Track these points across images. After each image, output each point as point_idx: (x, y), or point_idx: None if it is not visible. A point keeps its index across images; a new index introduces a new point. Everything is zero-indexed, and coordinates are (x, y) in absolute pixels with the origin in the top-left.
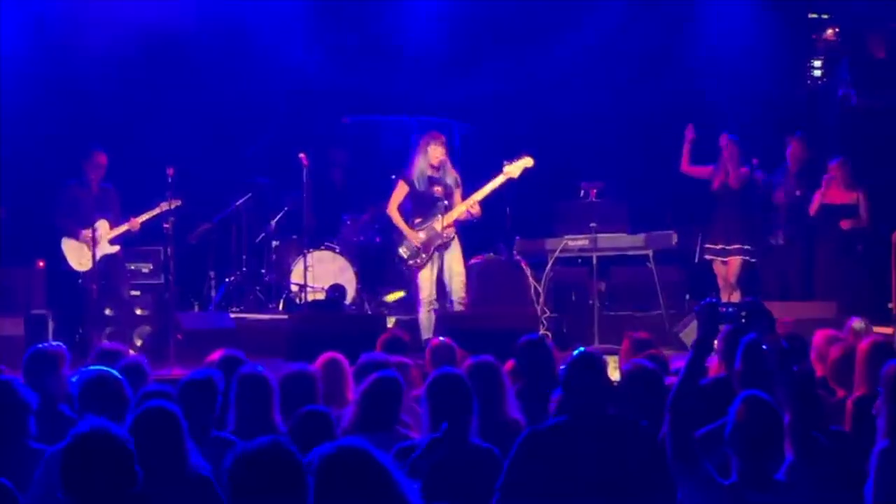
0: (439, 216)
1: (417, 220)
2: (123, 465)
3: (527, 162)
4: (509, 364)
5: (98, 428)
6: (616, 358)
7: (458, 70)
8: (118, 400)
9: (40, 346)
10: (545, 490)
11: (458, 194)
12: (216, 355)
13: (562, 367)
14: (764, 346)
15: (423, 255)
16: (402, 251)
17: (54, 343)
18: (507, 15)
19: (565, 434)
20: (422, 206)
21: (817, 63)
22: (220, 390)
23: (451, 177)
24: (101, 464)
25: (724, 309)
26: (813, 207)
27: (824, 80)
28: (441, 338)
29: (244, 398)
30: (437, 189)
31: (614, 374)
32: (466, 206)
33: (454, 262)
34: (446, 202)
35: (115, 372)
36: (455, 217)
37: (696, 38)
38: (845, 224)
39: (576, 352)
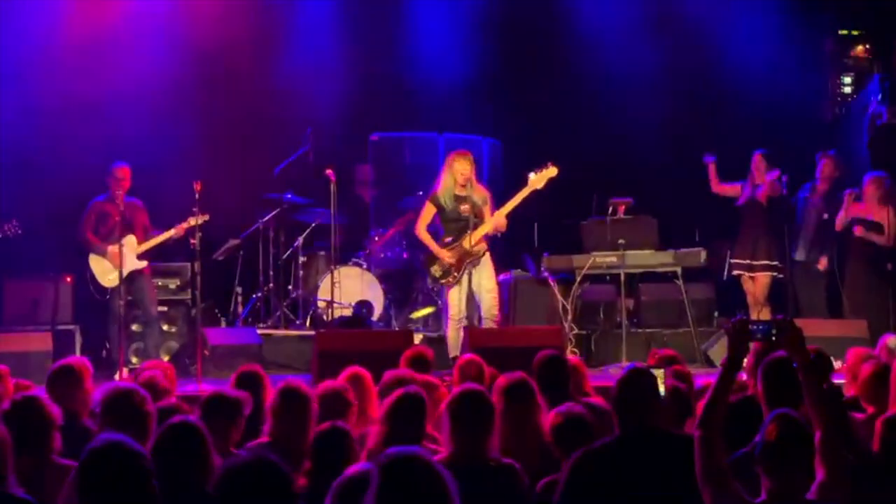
0: (468, 234)
1: (448, 240)
2: (140, 480)
3: (551, 172)
4: None
5: (114, 443)
6: (661, 372)
7: (487, 86)
8: (140, 415)
9: (64, 360)
10: None
11: (486, 211)
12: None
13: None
14: (794, 364)
15: (456, 274)
16: (435, 270)
17: (78, 357)
18: (535, 31)
19: (619, 452)
20: (451, 224)
21: (847, 80)
22: (245, 406)
23: (480, 194)
24: (118, 480)
25: (754, 326)
26: (839, 223)
27: (854, 97)
28: (469, 355)
29: (284, 412)
30: (465, 208)
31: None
32: (493, 223)
33: (484, 278)
34: (475, 220)
35: (137, 387)
36: (483, 233)
37: (726, 54)
38: (859, 230)
39: (625, 368)
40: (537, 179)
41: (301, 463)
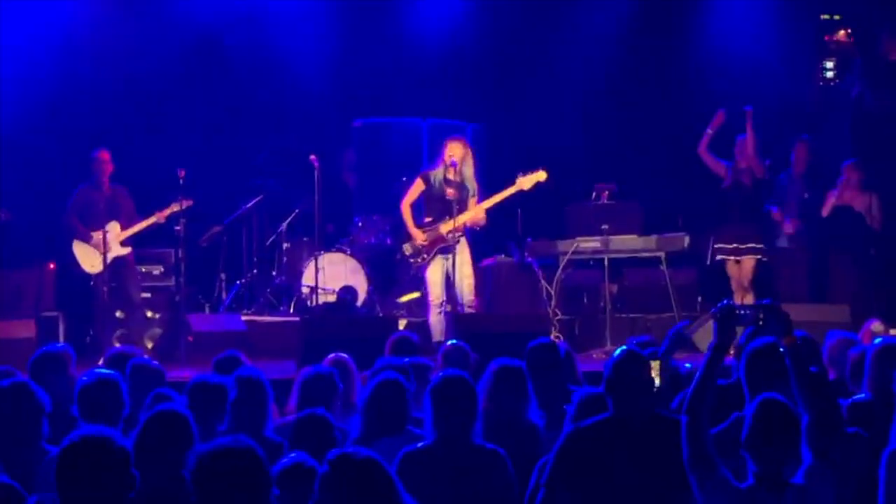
0: (447, 218)
1: (427, 220)
2: (118, 470)
3: (540, 176)
4: None
5: (92, 434)
6: (658, 363)
7: (471, 72)
8: (115, 403)
9: (46, 347)
10: (589, 486)
11: (472, 202)
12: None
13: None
14: (781, 349)
15: (425, 255)
16: (406, 248)
17: (61, 344)
18: (519, 16)
19: (609, 431)
20: (433, 206)
21: (829, 64)
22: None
23: (469, 183)
24: (95, 470)
25: (741, 311)
26: (826, 209)
27: (836, 81)
28: (454, 341)
29: (241, 400)
30: (450, 191)
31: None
32: (472, 214)
33: (463, 264)
34: (457, 206)
35: (113, 374)
36: (461, 222)
37: (708, 39)
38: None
39: (618, 350)
40: (525, 181)
41: None
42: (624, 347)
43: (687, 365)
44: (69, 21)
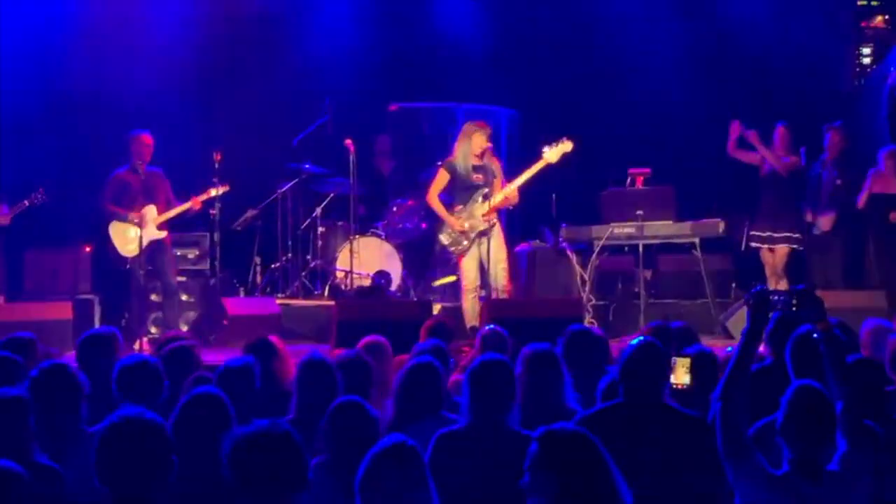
0: (479, 202)
1: (458, 208)
2: (158, 451)
3: (566, 146)
4: None
5: (133, 415)
6: (688, 361)
7: (505, 57)
8: (153, 386)
9: (94, 330)
10: None
11: (497, 183)
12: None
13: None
14: (815, 335)
15: (465, 243)
16: (444, 238)
17: (108, 327)
18: (553, 1)
19: (615, 419)
20: (462, 193)
21: (866, 50)
22: (258, 377)
23: (494, 165)
24: (135, 451)
25: (775, 297)
26: (862, 199)
27: (873, 67)
28: (492, 325)
29: (306, 385)
30: (478, 177)
31: (684, 378)
32: (505, 194)
33: (497, 249)
34: (486, 190)
35: (151, 358)
36: (494, 205)
37: (744, 24)
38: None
39: (634, 340)
40: (551, 154)
41: None
42: (641, 337)
43: (728, 348)
44: (101, 4)
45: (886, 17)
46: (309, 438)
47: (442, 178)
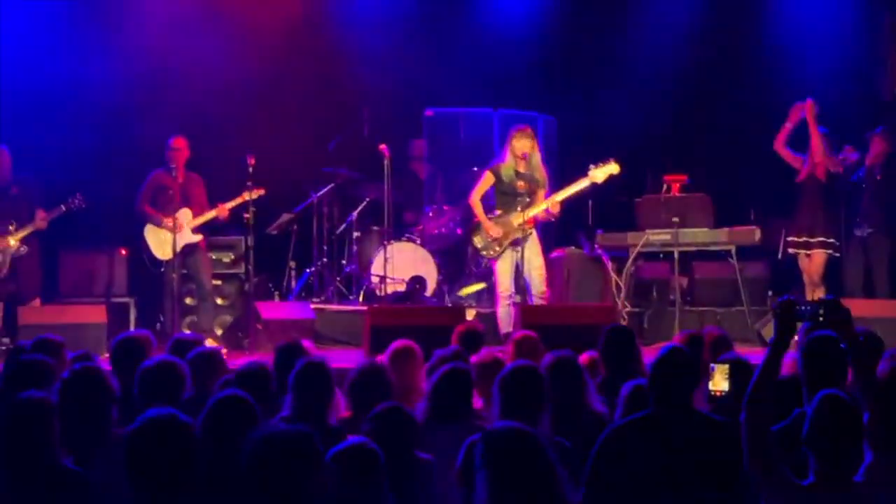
0: (518, 210)
1: (498, 213)
2: (187, 452)
3: (612, 168)
4: (585, 357)
5: (161, 415)
6: (726, 368)
7: (542, 63)
8: (175, 387)
9: (128, 332)
10: (630, 485)
11: (541, 193)
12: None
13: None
14: (842, 345)
15: (497, 248)
16: (476, 241)
17: (143, 330)
18: (591, 6)
19: (646, 429)
20: (504, 198)
21: None
22: (274, 380)
23: (539, 173)
24: (165, 451)
25: (802, 307)
26: None
27: None
28: (526, 331)
29: (303, 387)
30: (521, 184)
31: (722, 384)
32: (546, 205)
33: (533, 255)
34: (528, 199)
35: (175, 360)
36: (534, 214)
37: (782, 27)
38: None
39: (664, 347)
40: (598, 173)
41: None
42: (671, 344)
43: None
44: (150, 6)
45: None
46: None
47: (486, 181)
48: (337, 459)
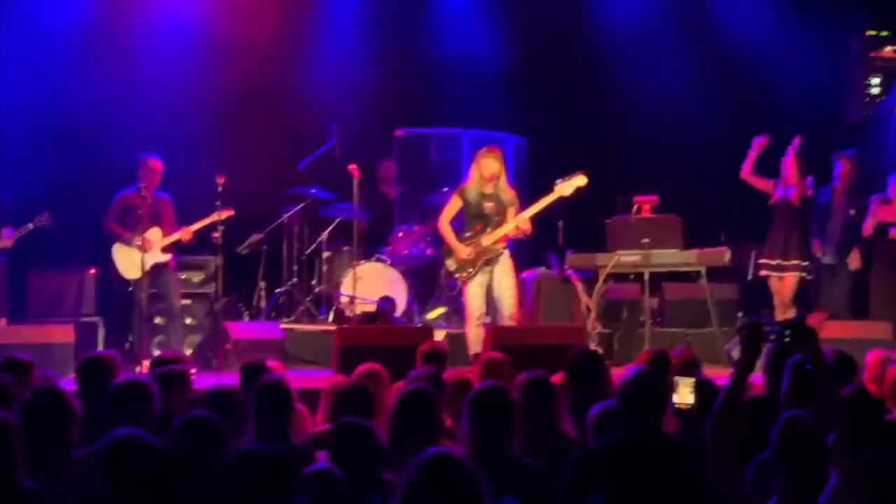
0: (488, 231)
1: (467, 234)
2: (156, 474)
3: (579, 180)
4: (556, 378)
5: (127, 435)
6: (691, 381)
7: (513, 83)
8: (143, 407)
9: (94, 352)
10: None
11: (511, 212)
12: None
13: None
14: (808, 366)
15: (470, 269)
16: (449, 264)
17: (108, 349)
18: (561, 29)
19: (617, 452)
20: (473, 220)
21: (875, 81)
22: (242, 400)
23: (507, 194)
24: (133, 472)
25: (768, 327)
26: (867, 227)
27: (882, 98)
28: (494, 352)
29: (263, 407)
30: (489, 205)
31: (687, 397)
32: (516, 223)
33: (504, 276)
34: (497, 218)
35: (144, 379)
36: (504, 233)
37: (752, 53)
38: (895, 234)
39: (632, 368)
40: (565, 187)
41: None
42: (639, 367)
43: None
44: (116, 26)
45: (895, 47)
46: None
47: (454, 204)
48: (301, 485)
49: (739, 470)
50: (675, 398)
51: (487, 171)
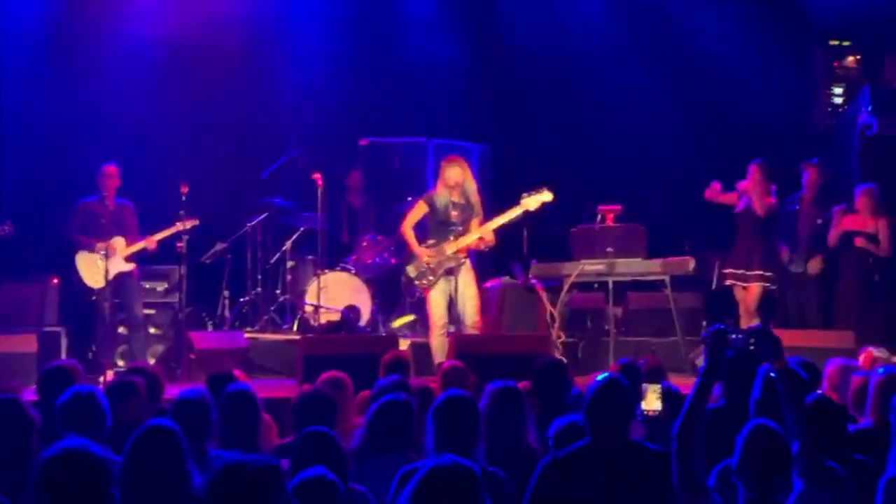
0: (451, 239)
1: (430, 242)
2: (97, 483)
3: (545, 196)
4: (521, 387)
5: (72, 446)
6: (659, 387)
7: (478, 93)
8: (97, 417)
9: (55, 362)
10: None
11: (475, 222)
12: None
13: (578, 391)
14: (772, 374)
15: (431, 277)
16: (410, 270)
17: (69, 359)
18: (526, 39)
19: (585, 460)
20: (437, 228)
21: (838, 90)
22: (215, 408)
23: (472, 203)
24: (73, 482)
25: (733, 335)
26: (831, 238)
27: (845, 107)
28: (453, 361)
29: (230, 416)
30: (454, 214)
31: (655, 404)
32: (479, 234)
33: (466, 285)
34: (461, 228)
35: (95, 389)
36: (467, 243)
37: (716, 63)
38: (859, 241)
39: (600, 377)
40: (530, 201)
41: None
42: (607, 374)
43: None
44: (74, 33)
45: (858, 57)
46: None
47: (419, 211)
48: (296, 493)
49: (703, 476)
50: (644, 405)
51: (451, 180)
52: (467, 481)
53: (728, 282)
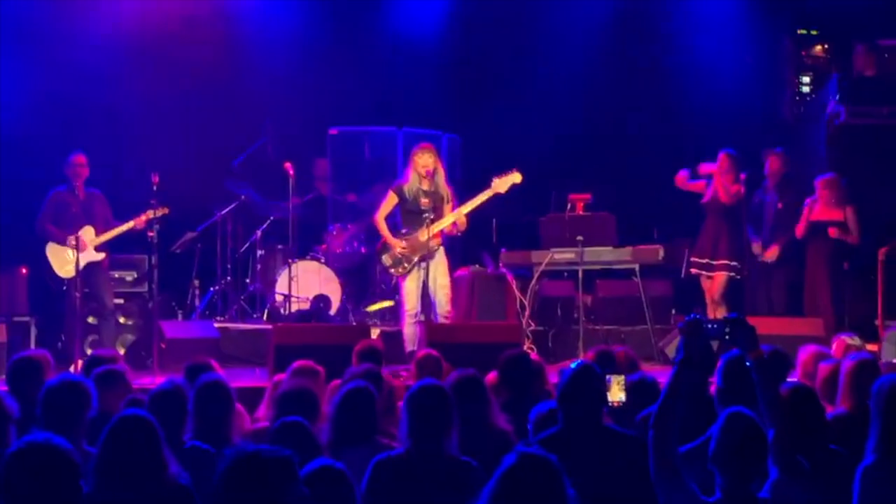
0: (424, 227)
1: (404, 231)
2: (64, 480)
3: (515, 178)
4: (491, 377)
5: (38, 441)
6: (622, 379)
7: (447, 82)
8: (79, 408)
9: (25, 352)
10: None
11: (447, 209)
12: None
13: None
14: (747, 363)
15: (406, 265)
16: (385, 259)
17: (39, 350)
18: (495, 27)
19: (558, 445)
20: (409, 216)
21: (806, 79)
22: (190, 399)
23: (443, 190)
24: (38, 478)
25: (708, 325)
26: (800, 228)
27: (813, 96)
28: (428, 350)
29: (203, 406)
30: (425, 202)
31: (619, 395)
32: (452, 219)
33: (439, 274)
34: (432, 215)
35: (79, 379)
36: (440, 229)
37: (685, 52)
38: (833, 232)
39: (573, 364)
40: (500, 184)
41: None
42: (580, 360)
43: None
44: (42, 22)
45: (825, 46)
46: None
47: (390, 201)
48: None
49: (678, 463)
50: (609, 396)
51: (423, 168)
52: (552, 472)
53: (693, 271)
